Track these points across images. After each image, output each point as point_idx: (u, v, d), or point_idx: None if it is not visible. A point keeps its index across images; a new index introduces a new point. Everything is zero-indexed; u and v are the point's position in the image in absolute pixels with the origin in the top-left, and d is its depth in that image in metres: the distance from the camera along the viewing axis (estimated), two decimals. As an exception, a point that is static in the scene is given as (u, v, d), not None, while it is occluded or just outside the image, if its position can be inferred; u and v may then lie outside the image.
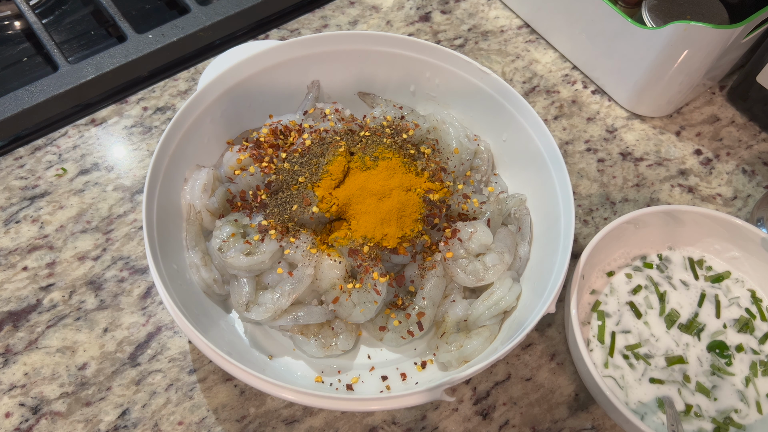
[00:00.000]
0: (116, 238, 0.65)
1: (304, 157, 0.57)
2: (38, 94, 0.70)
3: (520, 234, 0.61)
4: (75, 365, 0.57)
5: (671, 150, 0.75)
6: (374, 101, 0.68)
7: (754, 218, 0.68)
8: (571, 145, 0.75)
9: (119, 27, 0.77)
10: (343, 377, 0.56)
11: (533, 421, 0.57)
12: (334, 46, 0.64)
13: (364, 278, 0.55)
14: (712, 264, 0.63)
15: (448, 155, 0.62)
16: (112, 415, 0.55)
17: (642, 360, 0.57)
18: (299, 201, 0.55)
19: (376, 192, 0.56)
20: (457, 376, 0.48)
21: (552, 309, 0.51)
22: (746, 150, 0.76)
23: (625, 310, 0.60)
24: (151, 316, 0.60)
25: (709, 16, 0.71)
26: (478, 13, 0.86)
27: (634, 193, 0.72)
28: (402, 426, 0.56)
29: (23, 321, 0.59)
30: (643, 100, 0.75)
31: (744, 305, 0.61)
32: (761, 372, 0.57)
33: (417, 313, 0.56)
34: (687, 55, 0.68)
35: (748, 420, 0.55)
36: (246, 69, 0.61)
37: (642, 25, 0.69)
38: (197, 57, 0.80)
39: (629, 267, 0.63)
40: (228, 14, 0.79)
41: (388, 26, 0.84)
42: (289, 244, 0.56)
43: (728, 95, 0.80)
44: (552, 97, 0.79)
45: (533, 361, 0.60)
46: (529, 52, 0.82)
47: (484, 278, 0.57)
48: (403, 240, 0.55)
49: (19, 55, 0.80)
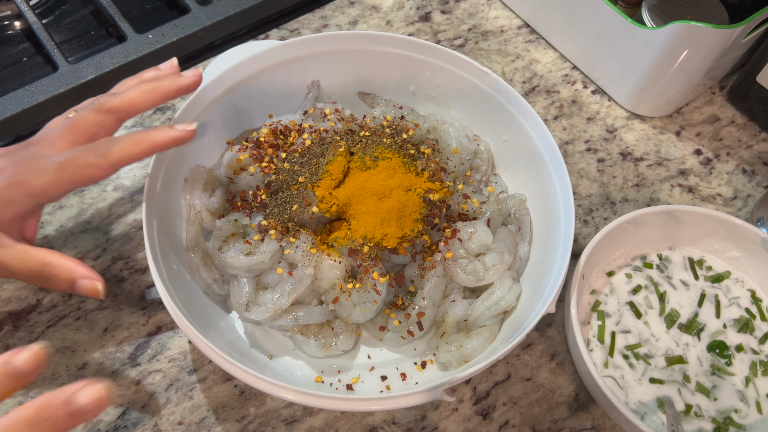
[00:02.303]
0: (116, 238, 0.65)
1: (304, 157, 0.58)
2: (38, 94, 0.70)
3: (520, 234, 0.61)
4: (75, 365, 0.57)
5: (671, 150, 0.75)
6: (374, 101, 0.68)
7: (754, 218, 0.68)
8: (571, 145, 0.75)
9: (119, 27, 0.77)
10: (343, 377, 0.56)
11: (533, 421, 0.57)
12: (334, 46, 0.64)
13: (364, 278, 0.55)
14: (712, 264, 0.63)
15: (448, 155, 0.62)
16: (112, 415, 0.55)
17: (642, 360, 0.57)
18: (299, 201, 0.55)
19: (376, 192, 0.56)
20: (457, 376, 0.48)
21: (552, 309, 0.51)
22: (746, 150, 0.76)
23: (625, 310, 0.60)
24: (151, 316, 0.60)
25: (709, 16, 0.71)
26: (478, 13, 0.86)
27: (634, 193, 0.72)
28: (402, 426, 0.56)
29: (23, 321, 0.59)
30: (643, 100, 0.75)
31: (744, 305, 0.61)
32: (761, 372, 0.57)
33: (417, 313, 0.56)
34: (687, 55, 0.68)
35: (748, 420, 0.55)
36: (246, 69, 0.61)
37: (642, 25, 0.69)
38: (197, 57, 0.80)
39: (629, 267, 0.63)
40: (228, 14, 0.79)
41: (388, 26, 0.84)
42: (289, 244, 0.56)
43: (728, 95, 0.80)
44: (552, 97, 0.79)
45: (533, 361, 0.60)
46: (529, 52, 0.82)
47: (484, 278, 0.57)
48: (403, 240, 0.55)
49: (19, 55, 0.80)
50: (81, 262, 0.49)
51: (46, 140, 0.50)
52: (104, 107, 0.50)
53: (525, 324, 0.51)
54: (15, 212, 0.48)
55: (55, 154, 0.48)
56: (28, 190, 0.47)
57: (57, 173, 0.47)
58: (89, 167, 0.48)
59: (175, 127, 0.52)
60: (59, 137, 0.50)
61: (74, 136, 0.50)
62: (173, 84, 0.53)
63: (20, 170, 0.47)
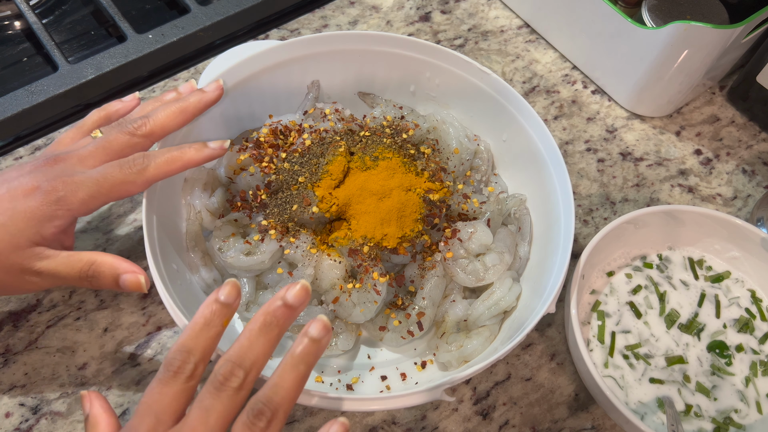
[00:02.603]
0: (116, 238, 0.65)
1: (304, 157, 0.58)
2: (38, 94, 0.70)
3: (520, 234, 0.61)
4: (75, 365, 0.57)
5: (671, 150, 0.75)
6: (374, 101, 0.68)
7: (754, 218, 0.68)
8: (571, 145, 0.75)
9: (119, 27, 0.77)
10: (343, 377, 0.56)
11: (533, 421, 0.57)
12: (334, 46, 0.64)
13: (364, 278, 0.55)
14: (712, 264, 0.63)
15: (448, 155, 0.62)
16: (112, 415, 0.55)
17: (642, 360, 0.57)
18: (299, 201, 0.55)
19: (376, 192, 0.56)
20: (457, 376, 0.48)
21: (552, 309, 0.51)
22: (746, 150, 0.76)
23: (625, 310, 0.60)
24: (151, 316, 0.60)
25: (709, 16, 0.71)
26: (478, 13, 0.86)
27: (634, 193, 0.72)
28: (402, 426, 0.56)
29: (23, 321, 0.59)
30: (643, 100, 0.75)
31: (744, 305, 0.61)
32: (761, 372, 0.57)
33: (417, 313, 0.56)
34: (687, 55, 0.68)
35: (748, 420, 0.55)
36: (246, 69, 0.61)
37: (642, 25, 0.69)
38: (197, 57, 0.80)
39: (629, 267, 0.63)
40: (228, 14, 0.79)
41: (388, 26, 0.84)
42: (289, 244, 0.56)
43: (728, 95, 0.80)
44: (552, 97, 0.79)
45: (533, 361, 0.60)
46: (529, 52, 0.82)
47: (484, 278, 0.57)
48: (403, 240, 0.55)
49: (19, 55, 0.80)
50: (123, 258, 0.50)
51: (77, 156, 0.51)
52: (139, 132, 0.52)
53: (525, 324, 0.51)
54: (56, 227, 0.49)
55: (89, 169, 0.50)
56: (67, 206, 0.49)
57: (95, 188, 0.49)
58: (126, 183, 0.50)
59: (209, 144, 0.54)
60: (90, 155, 0.51)
61: (107, 155, 0.51)
62: (200, 101, 0.55)
63: (57, 187, 0.49)
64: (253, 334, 0.41)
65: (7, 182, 0.49)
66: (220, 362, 0.40)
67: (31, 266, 0.49)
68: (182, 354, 0.40)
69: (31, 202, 0.48)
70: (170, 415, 0.39)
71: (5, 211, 0.48)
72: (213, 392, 0.39)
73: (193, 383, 0.41)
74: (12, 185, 0.49)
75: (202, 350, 0.41)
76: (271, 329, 0.41)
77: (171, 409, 0.40)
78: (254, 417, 0.39)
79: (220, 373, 0.40)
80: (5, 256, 0.48)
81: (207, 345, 0.41)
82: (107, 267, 0.50)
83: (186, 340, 0.41)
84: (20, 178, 0.49)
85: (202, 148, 0.53)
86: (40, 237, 0.49)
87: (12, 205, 0.48)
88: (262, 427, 0.38)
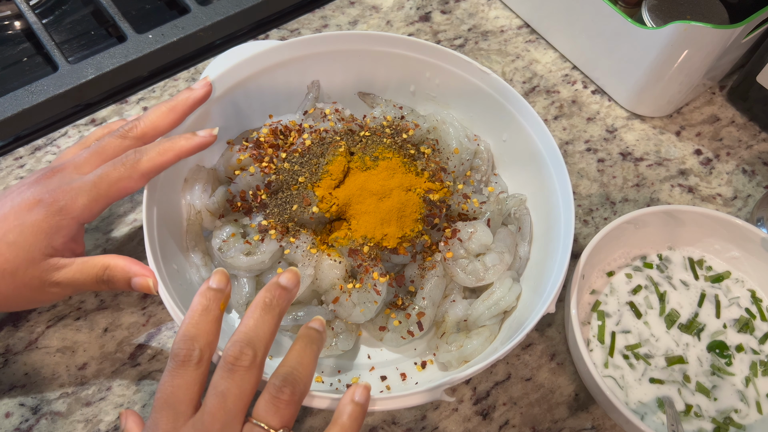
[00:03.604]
0: (116, 238, 0.65)
1: (304, 157, 0.58)
2: (38, 94, 0.70)
3: (520, 234, 0.61)
4: (75, 365, 0.57)
5: (671, 150, 0.75)
6: (374, 101, 0.68)
7: (754, 218, 0.68)
8: (571, 145, 0.75)
9: (119, 27, 0.77)
10: (343, 377, 0.56)
11: (533, 421, 0.57)
12: (334, 46, 0.64)
13: (364, 278, 0.55)
14: (712, 264, 0.63)
15: (448, 155, 0.62)
16: (112, 415, 0.55)
17: (642, 360, 0.57)
18: (299, 201, 0.55)
19: (376, 192, 0.56)
20: (457, 376, 0.48)
21: (552, 309, 0.51)
22: (746, 150, 0.76)
23: (625, 310, 0.60)
24: (151, 316, 0.60)
25: (709, 16, 0.71)
26: (478, 13, 0.86)
27: (634, 193, 0.72)
28: (402, 426, 0.56)
29: (23, 321, 0.59)
30: (643, 100, 0.75)
31: (744, 305, 0.61)
32: (761, 372, 0.57)
33: (417, 313, 0.56)
34: (687, 55, 0.68)
35: (748, 420, 0.55)
36: (246, 69, 0.61)
37: (642, 25, 0.69)
38: (197, 57, 0.80)
39: (629, 267, 0.63)
40: (228, 14, 0.79)
41: (388, 26, 0.84)
42: (289, 244, 0.56)
43: (728, 95, 0.80)
44: (552, 97, 0.79)
45: (533, 361, 0.60)
46: (529, 52, 0.82)
47: (484, 278, 0.57)
48: (403, 240, 0.55)
49: (19, 55, 0.80)
50: (135, 260, 0.51)
51: (72, 165, 0.52)
52: (131, 134, 0.53)
53: (525, 324, 0.51)
54: (65, 236, 0.50)
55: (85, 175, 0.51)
56: (71, 214, 0.49)
57: (93, 191, 0.50)
58: (122, 180, 0.50)
59: (198, 133, 0.54)
60: (85, 161, 0.52)
61: (101, 159, 0.52)
62: (189, 99, 0.55)
63: (58, 197, 0.49)
64: (257, 314, 0.43)
65: (11, 199, 0.50)
66: (227, 346, 0.41)
67: (49, 278, 0.49)
68: (186, 342, 0.41)
69: (36, 215, 0.49)
70: (187, 404, 0.40)
71: (14, 228, 0.48)
72: (225, 375, 0.40)
73: (203, 369, 0.41)
74: (15, 202, 0.49)
75: (205, 335, 0.42)
76: (273, 308, 0.43)
77: (187, 399, 0.40)
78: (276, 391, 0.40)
79: (230, 354, 0.41)
80: (23, 272, 0.49)
81: (209, 329, 0.42)
82: (119, 270, 0.50)
83: (187, 328, 0.42)
84: (22, 194, 0.50)
85: (192, 137, 0.53)
86: (51, 249, 0.49)
87: (19, 222, 0.48)
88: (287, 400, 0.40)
